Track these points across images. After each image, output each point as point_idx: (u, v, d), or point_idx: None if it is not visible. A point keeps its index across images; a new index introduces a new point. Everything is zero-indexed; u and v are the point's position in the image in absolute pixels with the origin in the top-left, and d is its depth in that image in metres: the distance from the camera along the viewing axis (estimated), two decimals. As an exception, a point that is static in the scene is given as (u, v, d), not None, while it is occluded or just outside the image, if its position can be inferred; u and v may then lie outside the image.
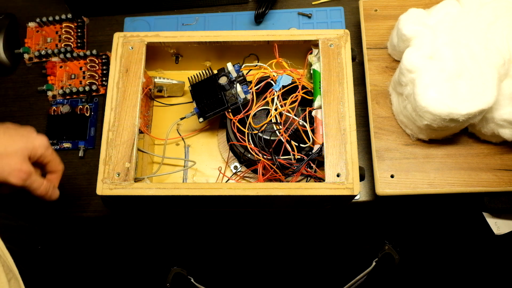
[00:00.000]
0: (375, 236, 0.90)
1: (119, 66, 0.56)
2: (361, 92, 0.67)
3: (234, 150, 0.62)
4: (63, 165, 0.54)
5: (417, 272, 0.97)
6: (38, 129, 0.67)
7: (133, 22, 0.74)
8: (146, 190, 0.51)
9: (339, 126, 0.53)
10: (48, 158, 0.51)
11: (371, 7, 0.67)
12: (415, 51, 0.57)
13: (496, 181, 0.58)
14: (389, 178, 0.58)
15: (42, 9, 0.75)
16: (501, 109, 0.55)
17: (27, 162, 0.48)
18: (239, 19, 0.73)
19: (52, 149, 0.52)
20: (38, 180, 0.50)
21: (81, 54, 0.70)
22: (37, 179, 0.49)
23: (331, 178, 0.51)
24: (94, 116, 0.68)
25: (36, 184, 0.49)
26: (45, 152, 0.50)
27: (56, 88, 0.69)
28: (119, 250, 0.97)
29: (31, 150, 0.49)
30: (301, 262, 0.98)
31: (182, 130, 0.64)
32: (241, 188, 0.51)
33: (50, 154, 0.51)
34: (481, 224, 0.65)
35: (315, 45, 0.58)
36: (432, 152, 0.60)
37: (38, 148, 0.49)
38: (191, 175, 0.62)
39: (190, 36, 0.58)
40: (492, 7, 0.58)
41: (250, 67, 0.60)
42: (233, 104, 0.57)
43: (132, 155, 0.52)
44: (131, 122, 0.54)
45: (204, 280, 0.86)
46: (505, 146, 0.60)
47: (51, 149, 0.51)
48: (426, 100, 0.53)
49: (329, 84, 0.55)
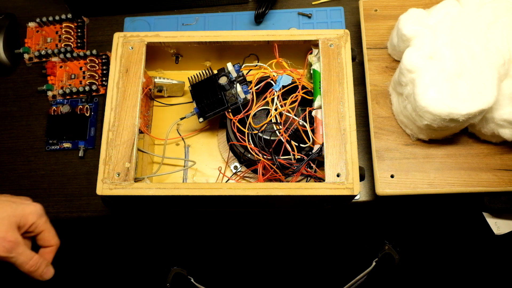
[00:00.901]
0: (375, 236, 0.90)
1: (119, 66, 0.56)
2: (361, 92, 0.67)
3: (234, 150, 0.62)
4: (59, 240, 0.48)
5: (417, 272, 0.97)
6: (38, 129, 0.68)
7: (133, 22, 0.74)
8: (146, 190, 0.51)
9: (339, 126, 0.53)
10: (40, 228, 0.46)
11: (371, 7, 0.67)
12: (415, 51, 0.57)
13: (496, 181, 0.58)
14: (389, 178, 0.58)
15: (42, 9, 0.76)
16: (501, 109, 0.55)
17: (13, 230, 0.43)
18: (239, 19, 0.73)
19: (47, 219, 0.47)
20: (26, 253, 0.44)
21: (81, 54, 0.70)
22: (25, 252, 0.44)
23: (331, 178, 0.51)
24: (94, 116, 0.68)
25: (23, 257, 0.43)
26: (37, 221, 0.45)
27: (56, 88, 0.69)
28: (119, 250, 0.97)
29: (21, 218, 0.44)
30: (301, 262, 0.98)
31: (182, 130, 0.64)
32: (241, 188, 0.51)
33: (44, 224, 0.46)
34: (481, 224, 0.65)
35: (315, 45, 0.58)
36: (432, 152, 0.60)
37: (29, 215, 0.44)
38: (191, 175, 0.62)
39: (190, 36, 0.58)
40: (492, 7, 0.58)
41: (250, 67, 0.60)
42: (233, 104, 0.57)
43: (132, 155, 0.52)
44: (131, 122, 0.54)
45: (204, 280, 0.86)
46: (505, 146, 0.60)
47: (45, 218, 0.46)
48: (426, 100, 0.53)
49: (329, 84, 0.55)
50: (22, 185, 0.65)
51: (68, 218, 0.64)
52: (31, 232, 0.46)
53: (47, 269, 0.46)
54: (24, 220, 0.44)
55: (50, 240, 0.47)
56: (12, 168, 0.66)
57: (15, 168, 0.66)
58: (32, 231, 0.46)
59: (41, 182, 0.65)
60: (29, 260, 0.44)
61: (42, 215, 0.46)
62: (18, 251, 0.43)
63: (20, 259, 0.43)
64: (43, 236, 0.47)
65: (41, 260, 0.46)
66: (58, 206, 0.64)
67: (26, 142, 0.67)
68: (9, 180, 0.65)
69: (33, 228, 0.45)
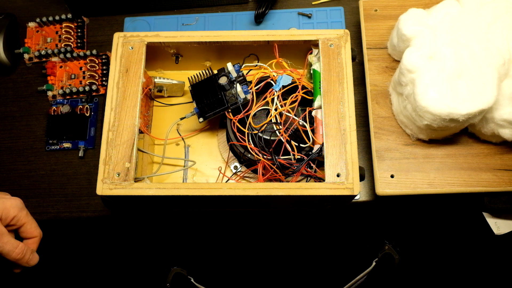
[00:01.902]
0: (375, 236, 0.90)
1: (119, 66, 0.56)
2: (361, 92, 0.67)
3: (234, 150, 0.62)
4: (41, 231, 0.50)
5: (417, 272, 0.97)
6: (38, 129, 0.68)
7: (133, 22, 0.74)
8: (146, 190, 0.51)
9: (339, 126, 0.53)
10: (22, 221, 0.47)
11: (371, 7, 0.67)
12: (415, 51, 0.57)
13: (496, 181, 0.58)
14: (389, 178, 0.58)
15: (42, 9, 0.75)
16: (501, 109, 0.55)
17: None
18: (239, 19, 0.73)
19: (27, 212, 0.48)
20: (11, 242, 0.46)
21: (81, 54, 0.70)
22: (10, 241, 0.45)
23: (331, 178, 0.51)
24: (94, 116, 0.68)
25: (8, 246, 0.45)
26: (18, 214, 0.47)
27: (56, 88, 0.69)
28: (119, 250, 0.97)
29: (2, 211, 0.45)
30: (301, 262, 0.98)
31: (182, 130, 0.64)
32: (241, 188, 0.51)
33: (25, 217, 0.48)
34: (481, 224, 0.65)
35: (315, 45, 0.58)
36: (432, 152, 0.60)
37: (10, 208, 0.46)
38: (191, 175, 0.62)
39: (190, 36, 0.58)
40: (492, 7, 0.58)
41: (250, 67, 0.60)
42: (233, 104, 0.57)
43: (132, 155, 0.52)
44: (131, 122, 0.54)
45: (204, 280, 0.86)
46: (505, 146, 0.60)
47: (25, 211, 0.48)
48: (426, 100, 0.53)
49: (329, 84, 0.55)
50: (22, 185, 0.65)
51: (68, 218, 0.64)
52: (13, 225, 0.47)
53: (32, 255, 0.48)
54: (5, 214, 0.46)
55: (32, 232, 0.49)
56: (12, 168, 0.66)
57: (15, 168, 0.66)
58: (14, 224, 0.47)
59: (41, 182, 0.65)
60: (15, 248, 0.46)
61: (23, 208, 0.48)
62: (4, 240, 0.45)
63: (6, 248, 0.45)
64: (25, 229, 0.48)
65: (26, 248, 0.47)
66: (58, 206, 0.64)
67: (26, 142, 0.67)
68: (9, 180, 0.65)
69: (14, 221, 0.47)
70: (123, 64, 0.56)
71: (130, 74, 0.56)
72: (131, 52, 0.57)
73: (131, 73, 0.56)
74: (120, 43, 0.57)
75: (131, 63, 0.56)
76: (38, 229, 0.50)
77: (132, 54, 0.57)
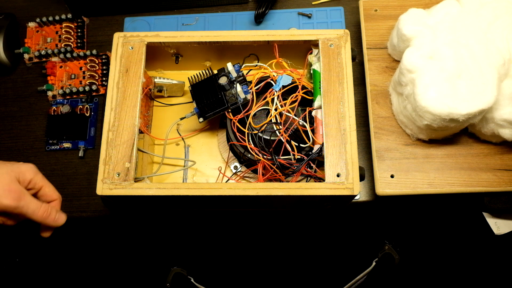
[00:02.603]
0: (375, 236, 0.90)
1: (119, 66, 0.56)
2: (361, 92, 0.67)
3: (234, 150, 0.62)
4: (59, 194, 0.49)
5: (417, 272, 0.97)
6: (38, 129, 0.68)
7: (133, 22, 0.74)
8: (146, 190, 0.51)
9: (339, 126, 0.53)
10: (40, 184, 0.47)
11: (371, 7, 0.67)
12: (415, 51, 0.57)
13: (496, 181, 0.58)
14: (389, 178, 0.58)
15: (42, 9, 0.75)
16: (501, 109, 0.55)
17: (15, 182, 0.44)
18: (239, 19, 0.73)
19: (43, 176, 0.48)
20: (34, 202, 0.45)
21: (81, 54, 0.70)
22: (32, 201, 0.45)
23: (331, 178, 0.51)
24: (94, 116, 0.68)
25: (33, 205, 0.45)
26: (35, 177, 0.46)
27: (56, 88, 0.69)
28: (119, 250, 0.97)
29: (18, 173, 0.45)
30: (301, 262, 0.98)
31: (182, 130, 0.64)
32: (241, 188, 0.51)
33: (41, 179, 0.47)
34: (481, 224, 0.66)
35: (315, 45, 0.58)
36: (432, 152, 0.60)
37: (26, 172, 0.45)
38: (191, 175, 0.62)
39: (190, 36, 0.58)
40: (492, 7, 0.58)
41: (250, 67, 0.60)
42: (233, 104, 0.57)
43: (132, 155, 0.52)
44: (131, 122, 0.54)
45: (204, 280, 0.86)
46: (505, 146, 0.60)
47: (41, 175, 0.47)
48: (426, 100, 0.53)
49: (329, 84, 0.55)
50: (22, 185, 0.65)
51: (68, 218, 0.64)
52: (31, 189, 0.47)
53: (58, 214, 0.47)
54: (22, 177, 0.45)
55: (52, 195, 0.48)
56: (12, 168, 0.66)
57: (15, 168, 0.66)
58: (31, 188, 0.47)
59: (41, 182, 0.65)
60: (40, 206, 0.45)
61: (38, 172, 0.47)
62: (27, 199, 0.44)
63: (31, 207, 0.44)
64: (44, 192, 0.47)
65: (51, 207, 0.46)
66: (58, 206, 0.64)
67: (26, 142, 0.67)
68: (9, 180, 0.65)
69: (32, 185, 0.46)
70: (123, 64, 0.56)
71: (130, 74, 0.56)
72: (131, 52, 0.57)
73: (131, 73, 0.56)
74: (120, 43, 0.57)
75: (131, 63, 0.56)
76: (57, 192, 0.49)
77: (132, 54, 0.57)
